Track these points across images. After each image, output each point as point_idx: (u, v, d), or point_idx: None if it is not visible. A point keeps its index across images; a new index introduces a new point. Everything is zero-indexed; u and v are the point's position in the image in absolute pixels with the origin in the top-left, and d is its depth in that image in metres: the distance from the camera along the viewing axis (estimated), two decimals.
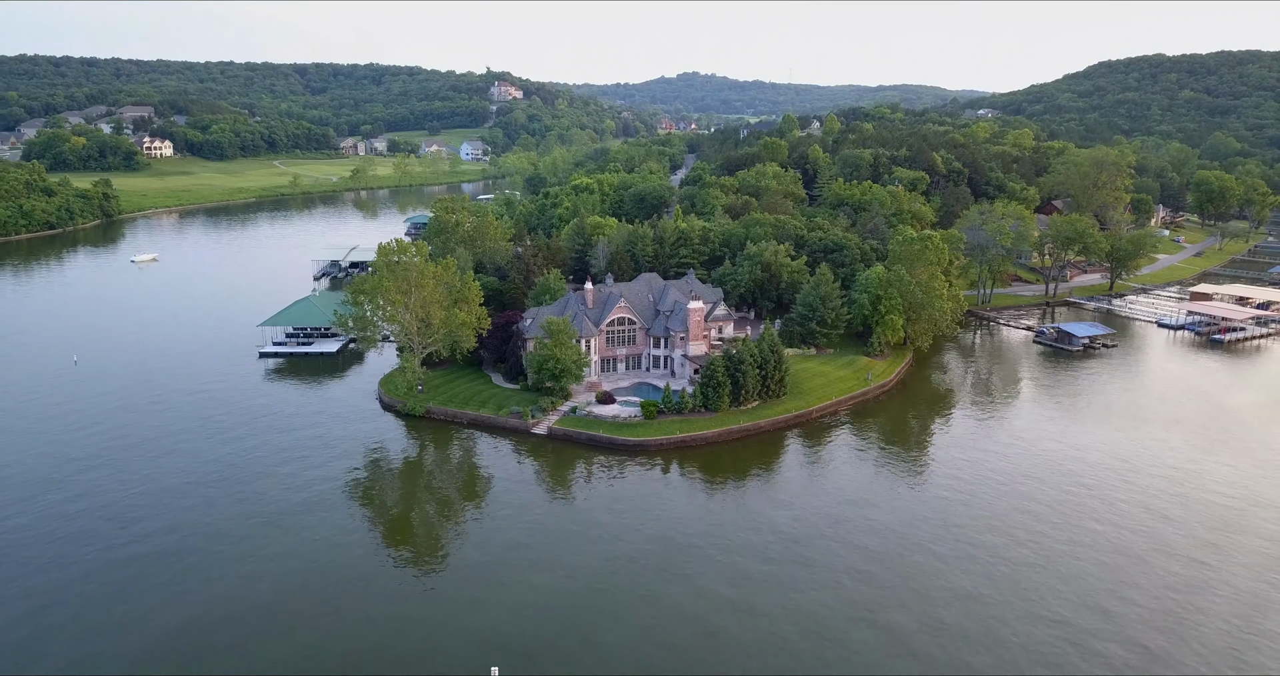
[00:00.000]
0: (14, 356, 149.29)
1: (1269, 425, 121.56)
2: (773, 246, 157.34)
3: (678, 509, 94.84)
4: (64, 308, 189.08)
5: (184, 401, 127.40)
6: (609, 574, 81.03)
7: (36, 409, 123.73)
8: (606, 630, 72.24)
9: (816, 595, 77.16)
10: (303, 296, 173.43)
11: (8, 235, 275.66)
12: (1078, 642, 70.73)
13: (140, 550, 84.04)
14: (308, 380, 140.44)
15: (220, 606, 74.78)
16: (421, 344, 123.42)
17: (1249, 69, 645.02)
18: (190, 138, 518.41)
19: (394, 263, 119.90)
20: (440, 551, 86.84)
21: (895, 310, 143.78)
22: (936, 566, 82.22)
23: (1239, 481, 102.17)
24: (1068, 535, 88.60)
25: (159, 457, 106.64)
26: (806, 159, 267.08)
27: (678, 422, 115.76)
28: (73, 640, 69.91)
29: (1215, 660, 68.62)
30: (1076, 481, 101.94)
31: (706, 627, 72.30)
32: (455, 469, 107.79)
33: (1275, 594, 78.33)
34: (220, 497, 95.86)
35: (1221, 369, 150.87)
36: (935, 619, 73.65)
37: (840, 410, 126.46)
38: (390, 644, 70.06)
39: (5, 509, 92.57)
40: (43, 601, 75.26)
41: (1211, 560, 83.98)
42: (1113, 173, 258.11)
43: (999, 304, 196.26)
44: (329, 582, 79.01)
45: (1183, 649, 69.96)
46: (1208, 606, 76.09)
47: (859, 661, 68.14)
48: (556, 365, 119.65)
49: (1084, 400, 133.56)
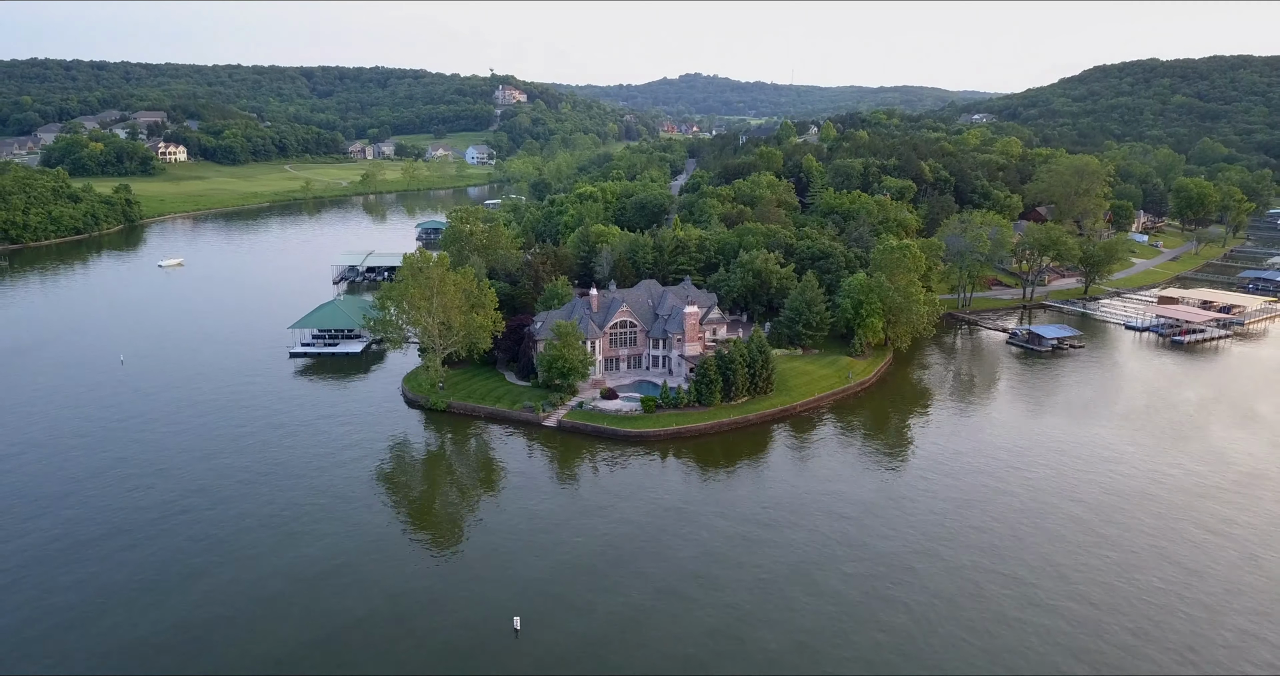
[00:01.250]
0: (67, 357, 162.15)
1: (1207, 418, 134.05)
2: (763, 254, 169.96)
3: (673, 490, 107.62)
4: (101, 311, 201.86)
5: (225, 396, 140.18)
6: (613, 537, 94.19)
7: (95, 403, 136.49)
8: (611, 580, 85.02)
9: (780, 552, 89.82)
10: (327, 300, 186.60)
11: (39, 240, 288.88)
12: (1027, 596, 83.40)
13: (219, 518, 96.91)
14: (335, 378, 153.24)
15: (278, 580, 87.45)
16: (442, 345, 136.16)
17: (1240, 74, 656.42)
18: (204, 143, 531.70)
19: (419, 271, 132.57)
20: (464, 524, 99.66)
21: (875, 314, 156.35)
22: (896, 532, 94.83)
23: (1158, 464, 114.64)
24: (1016, 506, 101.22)
25: (208, 448, 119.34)
26: (801, 168, 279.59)
27: (674, 416, 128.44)
28: (188, 586, 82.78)
29: (1091, 592, 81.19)
30: (1025, 462, 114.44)
31: (698, 576, 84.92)
32: (474, 457, 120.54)
33: (1153, 554, 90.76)
34: (267, 483, 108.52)
35: (1176, 368, 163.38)
36: (900, 574, 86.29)
37: (822, 405, 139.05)
38: (424, 598, 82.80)
39: (106, 489, 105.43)
40: (156, 558, 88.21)
41: (1110, 533, 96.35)
42: (1092, 181, 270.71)
43: (979, 306, 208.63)
44: (368, 550, 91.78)
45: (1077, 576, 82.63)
46: (1094, 563, 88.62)
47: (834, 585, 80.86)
48: (565, 364, 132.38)
49: (1045, 395, 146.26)
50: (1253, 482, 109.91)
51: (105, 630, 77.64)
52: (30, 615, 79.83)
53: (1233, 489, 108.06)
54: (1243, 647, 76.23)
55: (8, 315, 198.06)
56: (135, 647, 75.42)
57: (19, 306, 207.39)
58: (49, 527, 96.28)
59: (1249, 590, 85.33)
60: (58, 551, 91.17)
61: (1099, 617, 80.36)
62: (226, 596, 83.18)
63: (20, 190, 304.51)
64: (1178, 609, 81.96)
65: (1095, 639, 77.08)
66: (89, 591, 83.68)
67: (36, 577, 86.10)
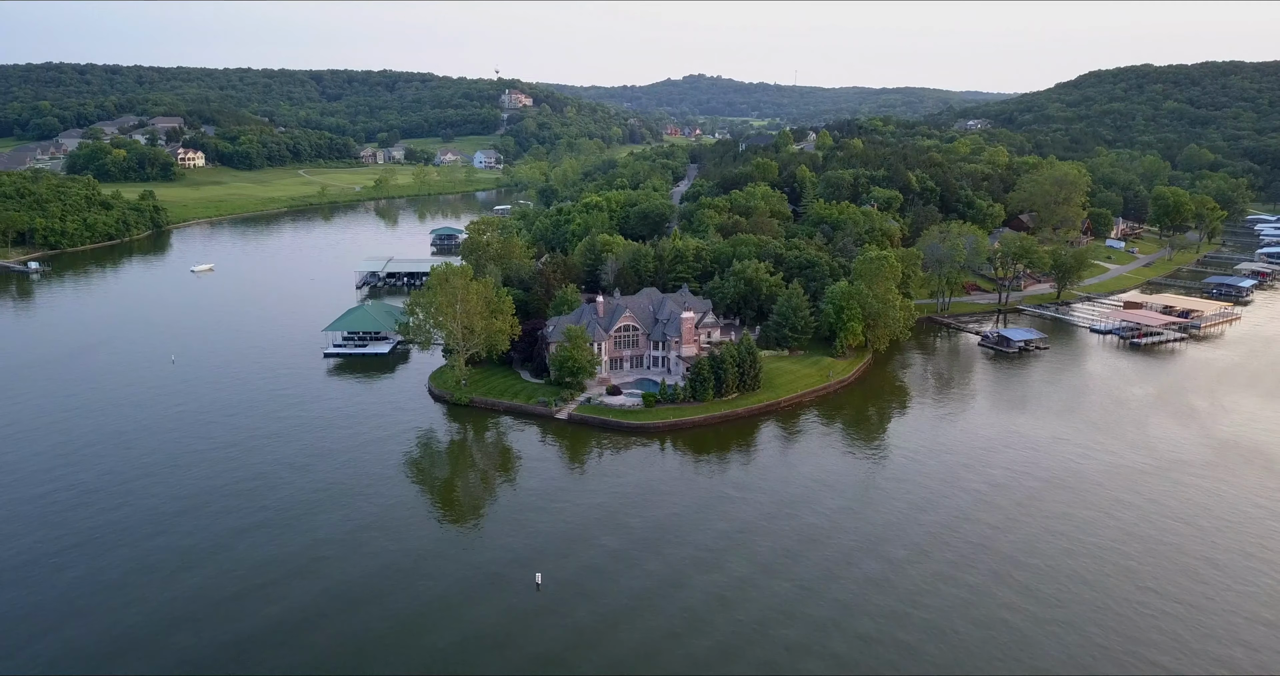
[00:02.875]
0: (123, 358, 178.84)
1: (1147, 412, 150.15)
2: (754, 264, 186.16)
3: (670, 473, 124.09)
4: (143, 314, 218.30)
5: (269, 392, 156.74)
6: (616, 506, 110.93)
7: (155, 400, 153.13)
8: (613, 539, 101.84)
9: (751, 509, 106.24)
10: (355, 305, 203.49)
11: (75, 246, 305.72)
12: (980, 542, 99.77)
13: (269, 504, 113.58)
14: (366, 376, 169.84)
15: (321, 545, 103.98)
16: (466, 347, 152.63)
17: (1231, 80, 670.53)
18: (221, 148, 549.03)
19: (445, 281, 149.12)
20: (488, 498, 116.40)
21: (855, 318, 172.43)
22: (850, 495, 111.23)
23: (1093, 452, 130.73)
24: (963, 484, 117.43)
25: (261, 437, 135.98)
26: (795, 178, 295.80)
27: (672, 410, 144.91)
28: (248, 556, 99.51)
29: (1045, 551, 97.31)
30: (980, 449, 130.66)
31: (691, 542, 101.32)
32: (495, 445, 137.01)
33: (1043, 530, 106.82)
34: (312, 468, 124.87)
35: (1130, 368, 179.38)
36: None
37: (805, 401, 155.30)
38: (453, 560, 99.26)
39: (188, 470, 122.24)
40: (216, 532, 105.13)
41: (1012, 509, 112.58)
42: (1071, 190, 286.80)
43: (957, 310, 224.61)
44: (401, 522, 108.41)
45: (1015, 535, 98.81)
46: (983, 531, 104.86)
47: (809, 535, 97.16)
48: (574, 364, 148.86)
49: (1005, 392, 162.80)
50: (1171, 467, 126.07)
51: (240, 553, 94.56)
52: (166, 556, 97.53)
53: (1151, 472, 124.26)
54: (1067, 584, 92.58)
55: (59, 318, 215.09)
56: (262, 566, 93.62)
57: (67, 310, 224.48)
58: (161, 492, 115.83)
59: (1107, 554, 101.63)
60: (175, 511, 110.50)
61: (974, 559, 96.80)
62: (285, 551, 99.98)
63: (56, 198, 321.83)
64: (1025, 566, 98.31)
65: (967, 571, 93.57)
66: (202, 537, 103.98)
67: (166, 528, 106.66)
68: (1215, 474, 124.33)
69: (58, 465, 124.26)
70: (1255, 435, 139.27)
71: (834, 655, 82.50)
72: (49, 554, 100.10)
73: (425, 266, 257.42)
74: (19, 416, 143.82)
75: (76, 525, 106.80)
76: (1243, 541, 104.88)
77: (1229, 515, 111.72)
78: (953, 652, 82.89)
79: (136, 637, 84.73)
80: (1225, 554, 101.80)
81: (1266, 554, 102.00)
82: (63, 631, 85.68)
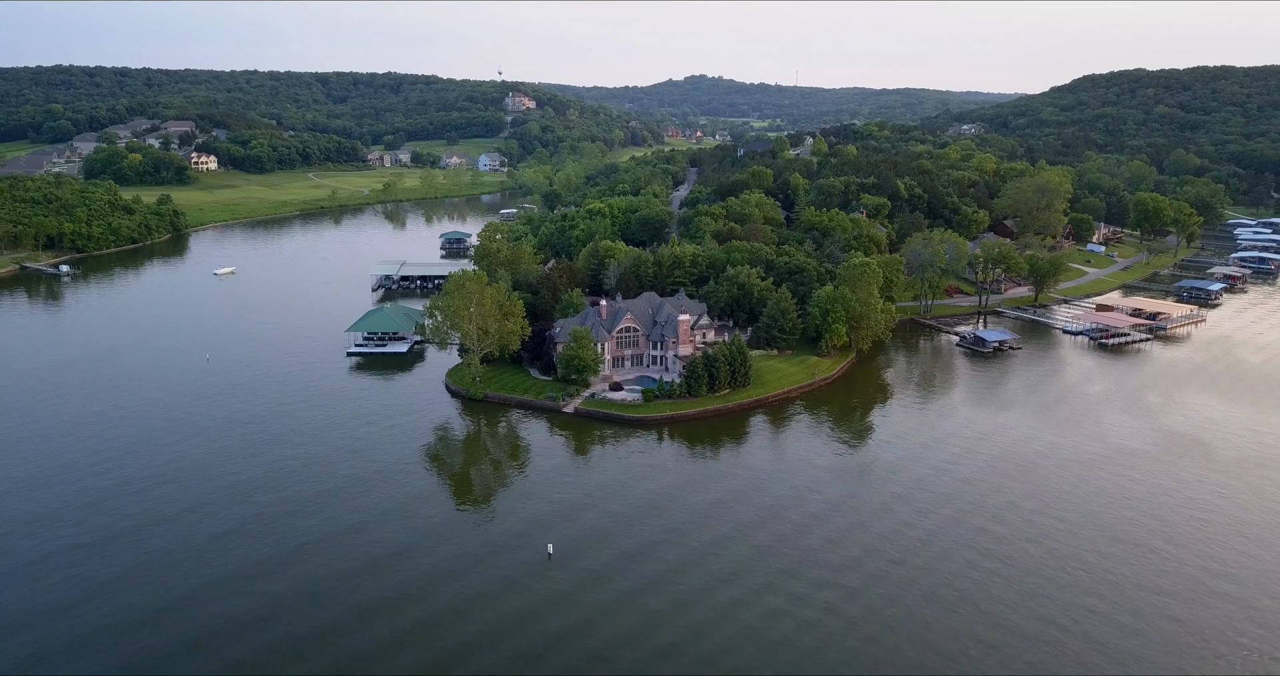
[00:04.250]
0: (161, 356, 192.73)
1: (1100, 407, 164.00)
2: (746, 270, 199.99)
3: (666, 460, 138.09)
4: (172, 315, 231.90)
5: (299, 387, 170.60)
6: (618, 484, 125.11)
7: (196, 396, 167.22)
8: (618, 507, 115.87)
9: (732, 485, 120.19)
10: (373, 307, 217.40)
11: (100, 250, 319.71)
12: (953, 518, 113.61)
13: (301, 493, 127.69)
14: (387, 373, 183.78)
15: (347, 519, 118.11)
16: (480, 347, 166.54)
17: (1221, 84, 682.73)
18: (232, 152, 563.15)
19: (461, 287, 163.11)
20: (500, 483, 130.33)
21: (839, 320, 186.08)
22: (826, 473, 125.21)
23: (1043, 437, 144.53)
24: (929, 466, 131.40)
25: (290, 430, 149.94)
26: (789, 185, 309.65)
27: (668, 404, 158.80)
28: (279, 534, 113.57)
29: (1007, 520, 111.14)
30: (943, 434, 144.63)
31: (686, 507, 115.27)
32: (508, 436, 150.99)
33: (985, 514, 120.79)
34: (340, 458, 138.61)
35: (1093, 366, 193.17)
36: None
37: (791, 396, 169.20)
38: (469, 534, 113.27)
39: (233, 455, 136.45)
40: (260, 514, 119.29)
41: (964, 492, 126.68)
42: (1052, 197, 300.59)
43: (939, 313, 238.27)
44: (426, 500, 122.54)
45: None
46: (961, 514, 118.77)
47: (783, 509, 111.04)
48: (580, 362, 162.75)
49: (976, 388, 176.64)
50: (1116, 455, 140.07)
51: (320, 519, 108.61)
52: (223, 526, 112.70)
53: (1100, 460, 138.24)
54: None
55: (95, 319, 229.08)
56: (333, 531, 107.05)
57: (100, 311, 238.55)
58: (221, 477, 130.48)
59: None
60: (255, 487, 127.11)
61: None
62: (322, 524, 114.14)
63: (81, 203, 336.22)
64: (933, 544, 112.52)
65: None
66: (284, 506, 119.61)
67: (221, 506, 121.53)
68: (1157, 462, 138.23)
69: (139, 448, 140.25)
70: (1198, 428, 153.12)
71: (783, 571, 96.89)
72: (205, 503, 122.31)
73: (437, 270, 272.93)
74: (89, 409, 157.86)
75: (197, 490, 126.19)
76: (1160, 516, 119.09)
77: (1154, 496, 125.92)
78: (910, 576, 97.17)
79: (269, 563, 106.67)
80: (1136, 526, 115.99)
81: (1168, 527, 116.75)
82: (225, 557, 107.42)
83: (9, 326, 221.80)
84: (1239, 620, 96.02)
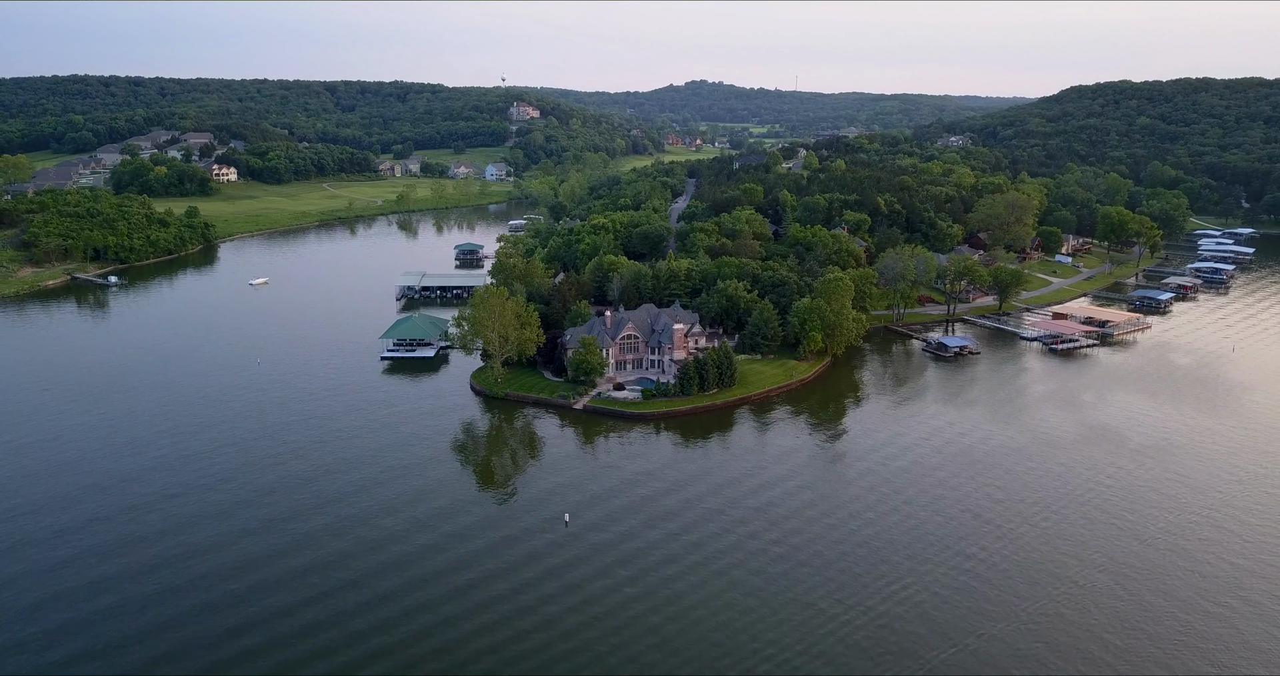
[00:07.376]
0: (216, 360, 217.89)
1: (1041, 405, 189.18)
2: (734, 283, 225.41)
3: (664, 451, 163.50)
4: (217, 323, 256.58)
5: (339, 387, 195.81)
6: (621, 465, 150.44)
7: (252, 393, 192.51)
8: (621, 489, 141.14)
9: (724, 472, 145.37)
10: (401, 316, 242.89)
11: (140, 260, 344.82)
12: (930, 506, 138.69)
13: (346, 482, 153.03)
14: (416, 375, 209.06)
15: (382, 500, 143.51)
16: (501, 352, 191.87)
17: (1201, 97, 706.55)
18: (251, 164, 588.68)
19: (484, 300, 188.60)
20: (519, 467, 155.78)
21: (816, 328, 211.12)
22: (800, 457, 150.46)
23: (981, 428, 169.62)
24: (887, 457, 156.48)
25: (334, 428, 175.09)
26: (778, 202, 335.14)
27: (665, 402, 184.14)
28: (321, 522, 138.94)
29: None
30: (903, 431, 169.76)
31: (682, 489, 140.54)
32: (524, 430, 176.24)
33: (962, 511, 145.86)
34: (380, 450, 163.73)
35: (1042, 369, 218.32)
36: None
37: (772, 395, 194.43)
38: (491, 510, 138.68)
39: (289, 437, 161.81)
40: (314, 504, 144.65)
41: (901, 481, 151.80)
42: (1022, 212, 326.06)
43: (911, 320, 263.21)
44: (455, 480, 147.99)
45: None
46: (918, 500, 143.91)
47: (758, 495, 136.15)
48: (587, 365, 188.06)
49: (934, 387, 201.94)
50: (1041, 447, 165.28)
51: (375, 498, 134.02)
52: (322, 497, 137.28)
53: (1027, 447, 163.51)
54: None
55: (147, 326, 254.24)
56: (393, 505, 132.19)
57: (150, 319, 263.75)
58: (280, 451, 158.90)
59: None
60: (315, 475, 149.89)
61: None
62: (360, 505, 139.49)
63: (120, 217, 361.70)
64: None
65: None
66: (338, 488, 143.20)
67: (320, 478, 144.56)
68: (1072, 448, 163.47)
69: (229, 439, 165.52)
70: (1118, 421, 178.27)
71: (739, 520, 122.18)
72: (299, 479, 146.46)
73: (456, 281, 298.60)
74: (160, 408, 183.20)
75: (281, 472, 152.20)
76: (1064, 493, 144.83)
77: (1062, 476, 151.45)
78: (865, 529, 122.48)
79: (346, 522, 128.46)
80: (1053, 500, 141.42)
81: (1060, 500, 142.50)
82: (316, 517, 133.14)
83: (87, 330, 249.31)
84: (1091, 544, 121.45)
